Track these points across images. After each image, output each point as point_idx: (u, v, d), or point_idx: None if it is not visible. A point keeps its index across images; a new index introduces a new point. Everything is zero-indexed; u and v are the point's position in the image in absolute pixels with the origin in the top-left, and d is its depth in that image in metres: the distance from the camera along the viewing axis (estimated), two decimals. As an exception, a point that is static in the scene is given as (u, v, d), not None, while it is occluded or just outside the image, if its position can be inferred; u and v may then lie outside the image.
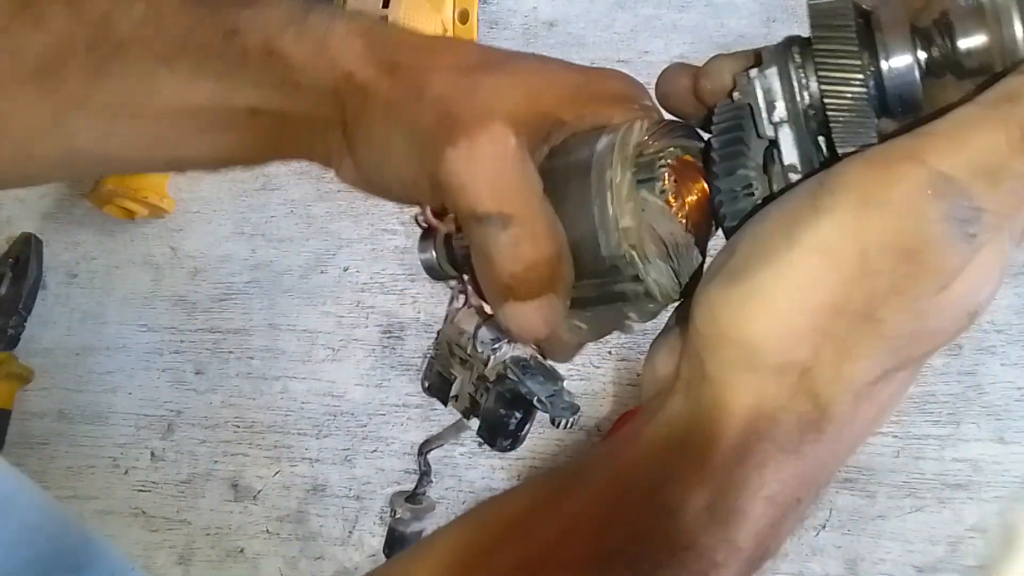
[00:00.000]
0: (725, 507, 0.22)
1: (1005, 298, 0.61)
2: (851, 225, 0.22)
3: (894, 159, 0.22)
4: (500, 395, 0.42)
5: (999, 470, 0.57)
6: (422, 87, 0.29)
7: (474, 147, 0.27)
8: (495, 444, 0.45)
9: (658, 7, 0.73)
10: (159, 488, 0.59)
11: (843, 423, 0.23)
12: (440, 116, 0.27)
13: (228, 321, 0.63)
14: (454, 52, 0.30)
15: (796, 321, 0.22)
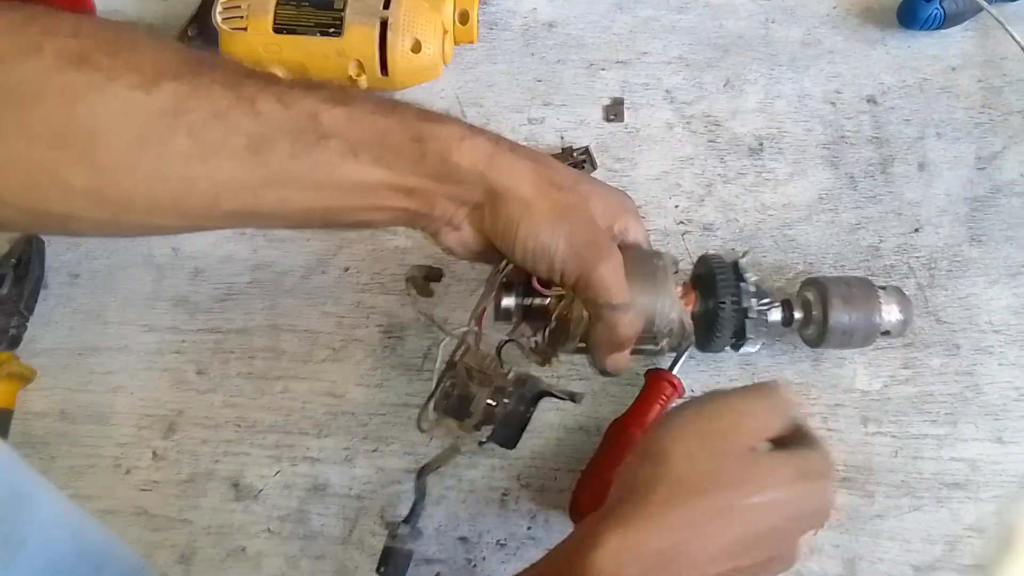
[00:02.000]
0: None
1: (1003, 298, 0.62)
2: None
3: None
4: (522, 395, 0.52)
5: (997, 470, 0.57)
6: (573, 215, 0.45)
7: (612, 263, 0.46)
8: (509, 438, 0.52)
9: (657, 8, 0.73)
10: (160, 488, 0.59)
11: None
12: (588, 241, 0.45)
13: (229, 321, 0.64)
14: (577, 179, 0.47)
15: None
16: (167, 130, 0.39)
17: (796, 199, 0.66)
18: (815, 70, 0.70)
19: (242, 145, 0.40)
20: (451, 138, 0.44)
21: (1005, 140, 0.67)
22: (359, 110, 0.42)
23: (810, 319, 0.55)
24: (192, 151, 0.40)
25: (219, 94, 0.40)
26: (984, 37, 0.70)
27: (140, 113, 0.39)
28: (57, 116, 0.38)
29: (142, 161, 0.40)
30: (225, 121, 0.40)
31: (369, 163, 0.43)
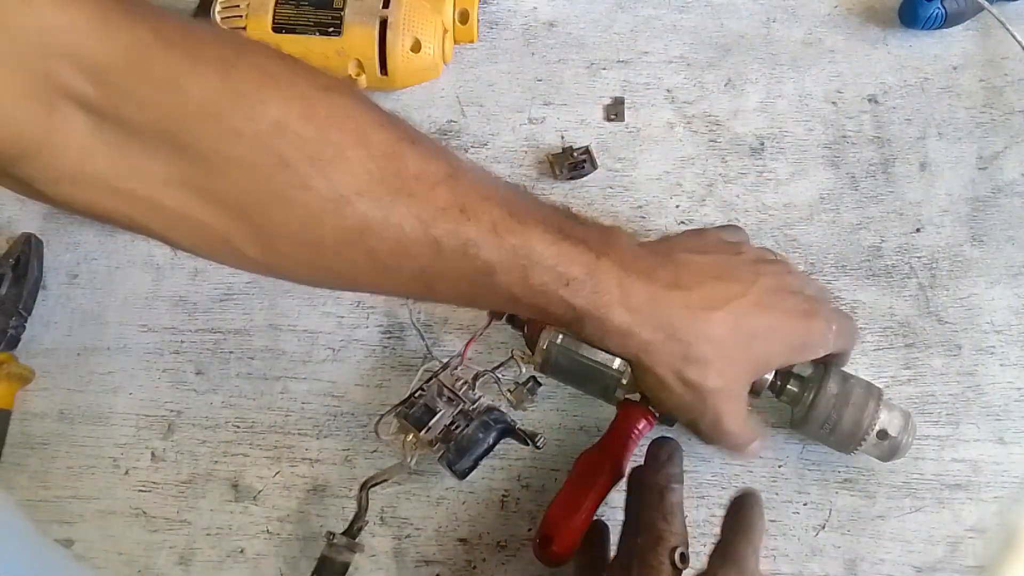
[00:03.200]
0: None
1: (1004, 299, 0.61)
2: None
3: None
4: (484, 422, 0.54)
5: (998, 471, 0.57)
6: (704, 403, 0.46)
7: (737, 430, 0.49)
8: (457, 463, 0.54)
9: (658, 8, 0.73)
10: (159, 488, 0.59)
11: None
12: (714, 422, 0.47)
13: (228, 322, 0.64)
14: (722, 358, 0.46)
15: None
16: (348, 245, 0.40)
17: (797, 199, 0.65)
18: (816, 70, 0.70)
19: (417, 274, 0.42)
20: (610, 331, 0.45)
21: (1006, 140, 0.67)
22: (536, 279, 0.43)
23: (801, 397, 0.54)
24: (367, 267, 0.41)
25: (409, 227, 0.40)
26: (985, 37, 0.70)
27: (326, 226, 0.39)
28: (243, 197, 0.39)
29: (317, 262, 0.41)
30: (407, 253, 0.41)
31: (527, 310, 0.45)
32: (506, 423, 0.55)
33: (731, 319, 0.45)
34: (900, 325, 0.61)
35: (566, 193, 0.66)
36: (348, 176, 0.38)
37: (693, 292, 0.45)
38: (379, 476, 0.55)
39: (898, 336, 0.61)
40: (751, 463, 0.57)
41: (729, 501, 0.47)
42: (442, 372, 0.56)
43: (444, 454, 0.54)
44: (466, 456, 0.53)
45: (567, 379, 0.54)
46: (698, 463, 0.58)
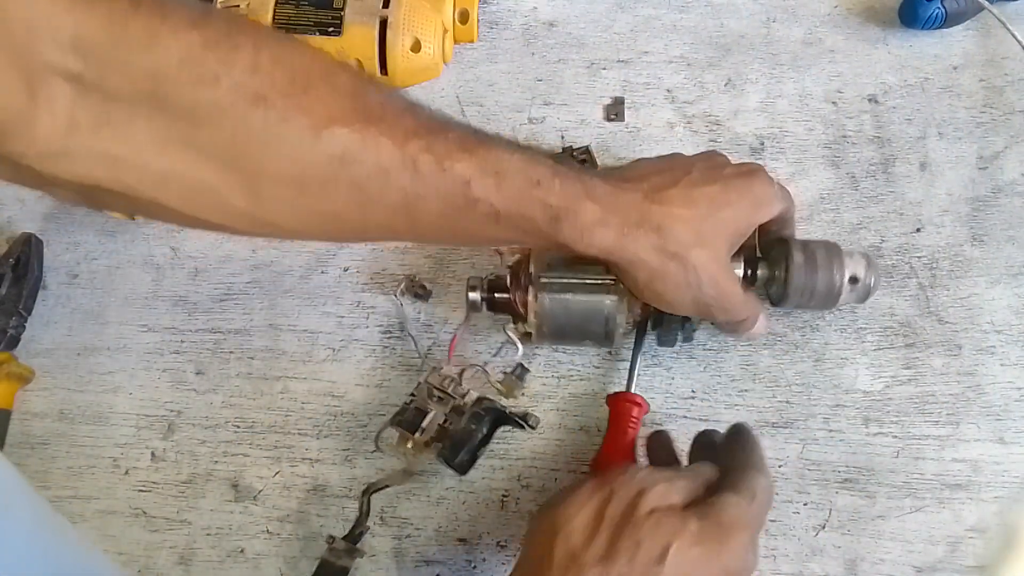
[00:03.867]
0: None
1: (1004, 299, 0.61)
2: None
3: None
4: (475, 414, 0.55)
5: (999, 470, 0.57)
6: (694, 280, 0.49)
7: (734, 302, 0.52)
8: (454, 458, 0.55)
9: (658, 8, 0.73)
10: (160, 488, 0.59)
11: None
12: (712, 297, 0.50)
13: (229, 321, 0.64)
14: (698, 232, 0.49)
15: None
16: (331, 178, 0.42)
17: (798, 199, 0.65)
18: (816, 69, 0.70)
19: (398, 201, 0.44)
20: (586, 225, 0.47)
21: (1007, 140, 0.66)
22: (509, 183, 0.45)
23: (773, 277, 0.57)
24: (351, 199, 0.43)
25: (385, 150, 0.42)
26: (986, 36, 0.70)
27: (307, 157, 0.41)
28: (226, 143, 0.40)
29: (302, 200, 0.43)
30: (386, 177, 0.43)
31: (508, 230, 0.46)
32: (496, 409, 0.55)
33: (685, 193, 0.49)
34: (900, 325, 0.61)
35: (566, 193, 0.66)
36: (321, 106, 0.40)
37: (644, 182, 0.49)
38: (382, 482, 0.56)
39: (898, 336, 0.61)
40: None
41: (724, 435, 0.50)
42: (430, 374, 0.56)
43: (441, 451, 0.54)
44: (463, 449, 0.54)
45: (564, 333, 0.55)
46: (698, 463, 0.58)
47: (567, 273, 0.54)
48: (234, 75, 0.38)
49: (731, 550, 0.42)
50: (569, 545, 0.41)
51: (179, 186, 0.40)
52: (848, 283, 0.56)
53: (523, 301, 0.54)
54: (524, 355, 0.58)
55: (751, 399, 0.59)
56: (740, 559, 0.42)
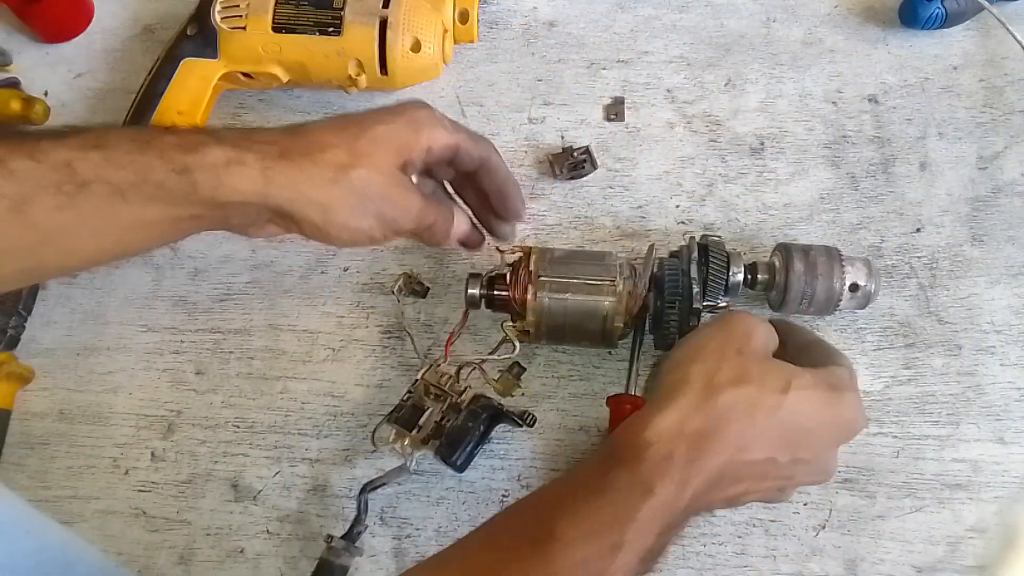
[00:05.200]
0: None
1: (1004, 299, 0.61)
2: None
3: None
4: (472, 412, 0.55)
5: (999, 470, 0.57)
6: (368, 188, 0.47)
7: (412, 209, 0.50)
8: (451, 456, 0.55)
9: (658, 8, 0.73)
10: (159, 488, 0.59)
11: None
12: (392, 205, 0.49)
13: (228, 321, 0.63)
14: (348, 138, 0.47)
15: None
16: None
17: (797, 199, 0.65)
18: (816, 69, 0.70)
19: (5, 209, 0.39)
20: (216, 165, 0.43)
21: (1007, 140, 0.66)
22: (115, 151, 0.41)
23: (773, 283, 0.57)
24: None
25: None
26: (986, 36, 0.70)
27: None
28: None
29: None
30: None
31: (140, 202, 0.42)
32: (494, 407, 0.55)
33: (329, 123, 0.49)
34: (900, 325, 0.61)
35: (566, 193, 0.66)
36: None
37: (278, 129, 0.48)
38: (379, 479, 0.56)
39: (898, 336, 0.61)
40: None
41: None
42: (427, 371, 0.56)
43: (438, 448, 0.54)
44: (460, 447, 0.53)
45: (562, 332, 0.55)
46: (698, 463, 0.58)
47: (567, 272, 0.54)
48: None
49: (845, 402, 0.44)
50: (706, 369, 0.42)
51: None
52: (848, 290, 0.56)
53: (522, 299, 0.54)
54: (523, 354, 0.58)
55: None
56: (854, 411, 0.44)
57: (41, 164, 0.40)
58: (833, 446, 0.45)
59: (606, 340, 0.55)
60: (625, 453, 0.41)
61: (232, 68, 0.66)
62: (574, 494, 0.41)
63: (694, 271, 0.55)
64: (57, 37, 0.75)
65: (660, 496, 0.39)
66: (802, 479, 0.45)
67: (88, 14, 0.75)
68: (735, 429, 0.41)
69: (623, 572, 0.38)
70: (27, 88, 0.72)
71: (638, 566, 0.39)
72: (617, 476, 0.40)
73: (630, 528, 0.38)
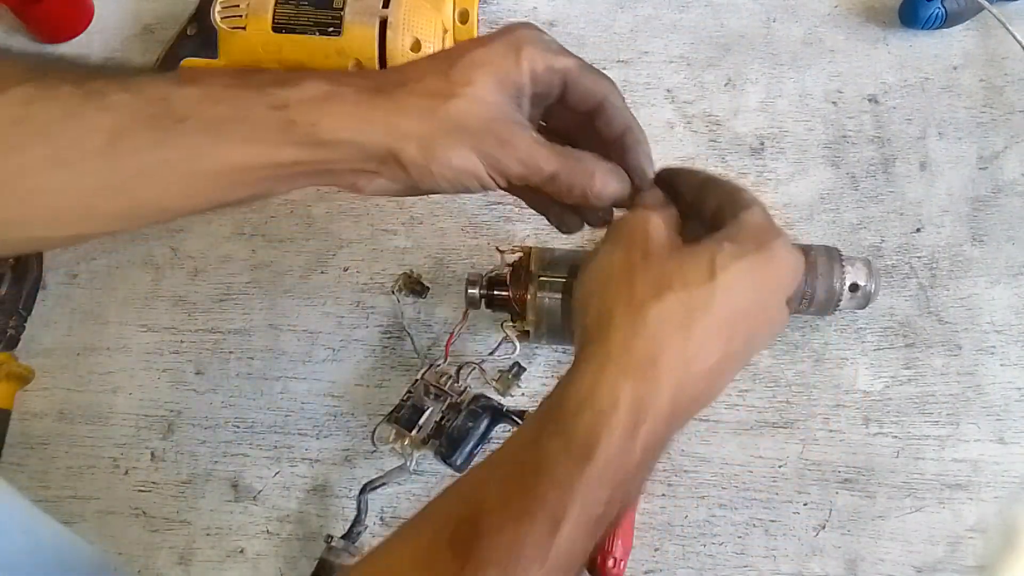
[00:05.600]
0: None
1: (1004, 298, 0.61)
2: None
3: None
4: (472, 411, 0.55)
5: (999, 470, 0.57)
6: (468, 121, 0.41)
7: (522, 146, 0.42)
8: (451, 456, 0.55)
9: (658, 7, 0.73)
10: (159, 488, 0.59)
11: None
12: (495, 140, 0.41)
13: (228, 321, 0.63)
14: (446, 70, 0.41)
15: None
16: (21, 139, 0.37)
17: (798, 199, 0.65)
18: (816, 69, 0.70)
19: (102, 142, 0.38)
20: (315, 99, 0.39)
21: (1006, 139, 0.66)
22: (212, 87, 0.39)
23: None
24: (51, 156, 0.38)
25: (67, 92, 0.37)
26: (986, 36, 0.70)
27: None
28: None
29: (2, 177, 0.38)
30: (79, 120, 0.38)
31: (237, 142, 0.39)
32: (494, 407, 0.55)
33: (422, 61, 0.43)
34: (900, 325, 0.61)
35: (566, 193, 0.66)
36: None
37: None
38: (379, 480, 0.56)
39: (898, 336, 0.61)
40: (750, 465, 0.57)
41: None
42: (427, 371, 0.56)
43: (438, 448, 0.54)
44: (460, 447, 0.54)
45: (562, 332, 0.55)
46: (698, 463, 0.58)
47: (567, 272, 0.54)
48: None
49: (776, 255, 0.39)
50: (618, 294, 0.38)
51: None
52: (848, 290, 0.56)
53: (522, 299, 0.54)
54: (523, 354, 0.58)
55: (751, 399, 0.59)
56: (789, 259, 0.39)
57: (137, 97, 0.38)
58: (780, 304, 0.40)
59: None
60: (556, 417, 0.36)
61: (232, 68, 0.66)
62: (503, 471, 0.37)
63: None
64: (57, 37, 0.74)
65: (601, 459, 0.35)
66: (760, 347, 0.41)
67: (88, 14, 0.75)
68: (674, 348, 0.36)
69: (568, 546, 0.34)
70: (27, 88, 0.72)
71: (587, 538, 0.35)
72: (549, 445, 0.35)
73: (570, 500, 0.34)
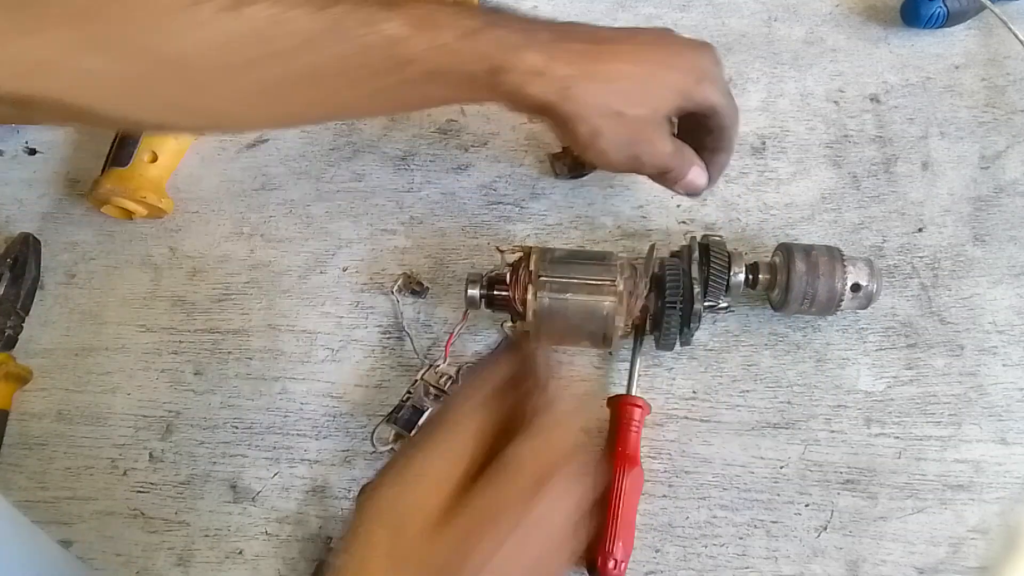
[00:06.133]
0: None
1: (1007, 299, 0.61)
2: None
3: None
4: None
5: (1001, 471, 0.56)
6: (636, 137, 0.50)
7: (659, 155, 0.52)
8: None
9: (659, 7, 0.73)
10: (158, 489, 0.59)
11: None
12: (642, 154, 0.51)
13: (227, 322, 0.63)
14: (639, 97, 0.49)
15: None
16: (257, 56, 0.41)
17: (799, 199, 0.65)
18: (818, 69, 0.70)
19: (329, 68, 0.42)
20: (528, 72, 0.45)
21: (1008, 139, 0.66)
22: (442, 37, 0.43)
23: (774, 283, 0.57)
24: (282, 73, 0.42)
25: (305, 17, 0.40)
26: (987, 36, 0.70)
27: (230, 38, 0.40)
28: (148, 36, 0.39)
29: (235, 82, 0.42)
30: (312, 46, 0.41)
31: (445, 87, 0.45)
32: None
33: (633, 50, 0.49)
34: (902, 325, 0.61)
35: (567, 192, 0.66)
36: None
37: (592, 34, 0.49)
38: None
39: (900, 336, 0.60)
40: (752, 466, 0.57)
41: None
42: (426, 372, 0.56)
43: None
44: None
45: (562, 333, 0.55)
46: (699, 464, 0.57)
47: (567, 273, 0.54)
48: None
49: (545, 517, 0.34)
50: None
51: (109, 86, 0.40)
52: (850, 291, 0.56)
53: (522, 299, 0.54)
54: (524, 355, 0.58)
55: (752, 400, 0.59)
56: (564, 519, 0.35)
57: (374, 35, 0.42)
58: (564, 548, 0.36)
59: (606, 341, 0.55)
60: None
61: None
62: None
63: (695, 271, 0.55)
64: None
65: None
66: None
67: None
68: None
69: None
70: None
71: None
72: None
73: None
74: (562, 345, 0.60)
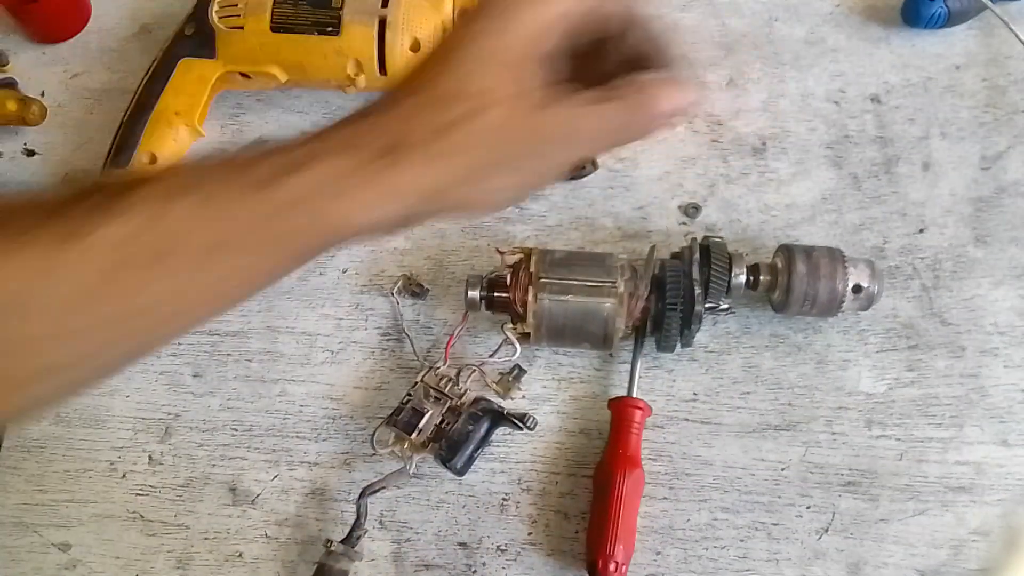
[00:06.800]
0: None
1: (1008, 300, 0.61)
2: None
3: None
4: (472, 414, 0.55)
5: (1002, 473, 0.56)
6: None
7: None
8: (451, 459, 0.55)
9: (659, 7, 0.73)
10: (157, 492, 0.59)
11: None
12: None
13: (226, 324, 0.63)
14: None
15: None
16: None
17: (799, 199, 0.65)
18: (818, 69, 0.69)
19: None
20: (330, 182, 0.35)
21: (1009, 140, 0.66)
22: (213, 194, 0.34)
23: (775, 284, 0.57)
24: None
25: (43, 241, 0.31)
26: (988, 36, 0.70)
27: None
28: None
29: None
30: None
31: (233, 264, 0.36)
32: (494, 410, 0.55)
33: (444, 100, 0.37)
34: (903, 326, 0.60)
35: (567, 194, 0.66)
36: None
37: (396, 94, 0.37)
38: (378, 483, 0.55)
39: (901, 337, 0.60)
40: (753, 468, 0.57)
41: None
42: (426, 374, 0.56)
43: (438, 452, 0.54)
44: (460, 451, 0.54)
45: (562, 334, 0.55)
46: (699, 466, 0.57)
47: (567, 274, 0.53)
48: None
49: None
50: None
51: None
52: (851, 292, 0.55)
53: (522, 301, 0.54)
54: (523, 356, 0.58)
55: (753, 401, 0.59)
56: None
57: (121, 229, 0.32)
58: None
59: (607, 342, 0.54)
60: None
61: (230, 68, 0.66)
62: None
63: (696, 273, 0.55)
64: (54, 37, 0.74)
65: None
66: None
67: (85, 14, 0.75)
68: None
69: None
70: (24, 88, 0.71)
71: None
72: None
73: None
74: (562, 347, 0.60)
